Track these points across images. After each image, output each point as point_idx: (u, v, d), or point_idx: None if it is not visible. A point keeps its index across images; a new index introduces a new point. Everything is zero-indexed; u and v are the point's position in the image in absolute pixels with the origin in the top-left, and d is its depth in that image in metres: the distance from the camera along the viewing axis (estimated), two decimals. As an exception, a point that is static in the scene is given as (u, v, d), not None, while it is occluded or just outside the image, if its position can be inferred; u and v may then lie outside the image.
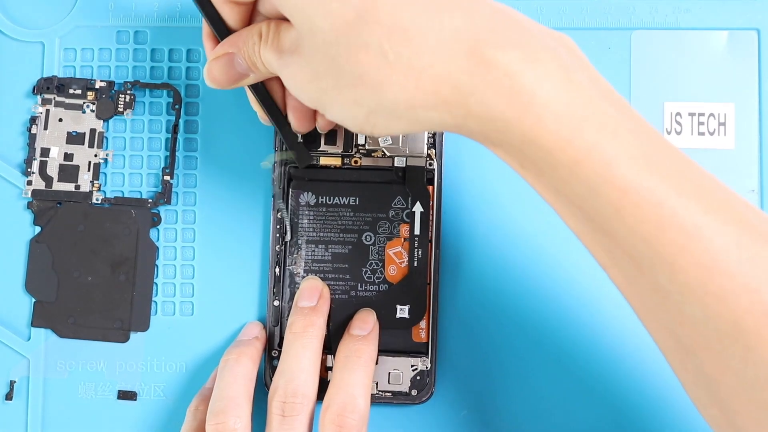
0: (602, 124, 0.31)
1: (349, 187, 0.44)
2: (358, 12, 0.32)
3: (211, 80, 0.39)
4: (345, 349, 0.41)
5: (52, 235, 0.45)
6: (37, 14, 0.47)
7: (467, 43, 0.31)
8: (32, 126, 0.46)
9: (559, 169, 0.31)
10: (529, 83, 0.31)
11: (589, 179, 0.31)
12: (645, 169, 0.31)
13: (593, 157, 0.31)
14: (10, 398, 0.45)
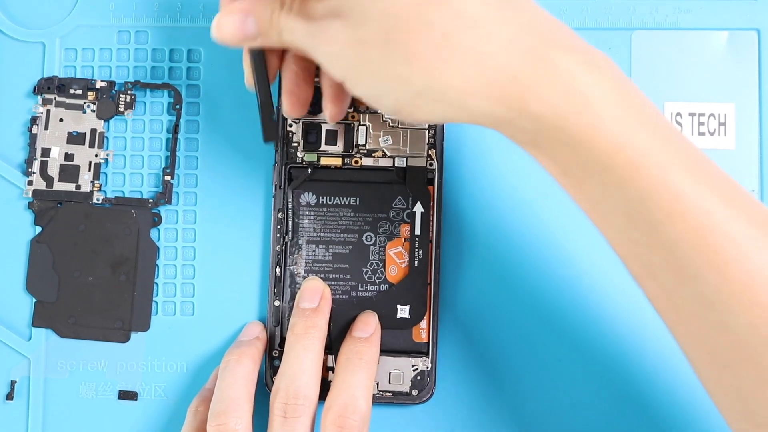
0: (656, 130, 0.31)
1: (350, 188, 0.44)
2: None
3: (218, 35, 0.38)
4: (347, 350, 0.41)
5: (52, 235, 0.45)
6: (37, 14, 0.47)
7: (531, 40, 0.31)
8: (33, 126, 0.46)
9: (611, 173, 0.31)
10: (588, 85, 0.31)
11: (643, 183, 0.31)
12: (696, 177, 0.31)
13: (649, 161, 0.31)
14: (11, 398, 0.45)
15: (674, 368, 0.43)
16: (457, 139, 0.45)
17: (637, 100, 0.32)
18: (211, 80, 0.46)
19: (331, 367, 0.43)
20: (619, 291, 0.44)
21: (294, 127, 0.45)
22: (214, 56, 0.46)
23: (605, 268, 0.44)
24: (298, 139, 0.45)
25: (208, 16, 0.46)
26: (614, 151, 0.31)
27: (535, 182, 0.45)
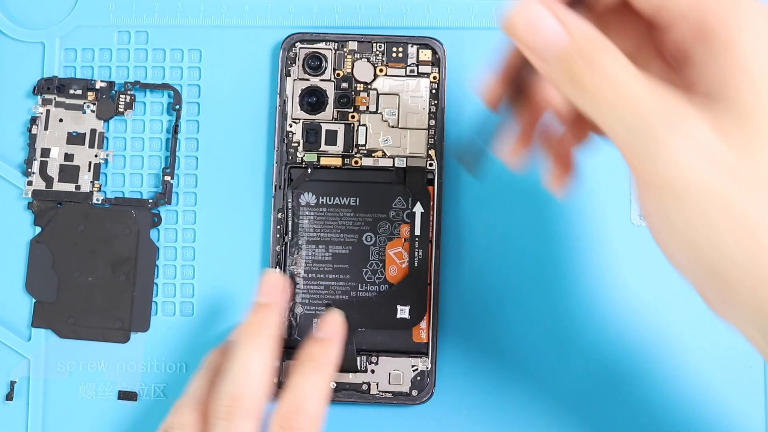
0: None
1: (350, 188, 0.44)
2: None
3: (512, 31, 0.28)
4: (304, 352, 0.40)
5: (52, 235, 0.45)
6: (37, 14, 0.47)
7: None
8: (32, 126, 0.46)
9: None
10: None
11: None
12: None
13: None
14: (11, 398, 0.45)
15: (676, 367, 0.43)
16: (457, 139, 0.45)
17: None
18: (211, 80, 0.46)
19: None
20: (619, 290, 0.44)
21: (294, 127, 0.45)
22: (213, 56, 0.46)
23: (605, 267, 0.44)
24: (298, 139, 0.45)
25: (208, 16, 0.46)
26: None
27: (535, 182, 0.45)
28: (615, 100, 0.26)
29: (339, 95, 0.45)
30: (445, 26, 0.46)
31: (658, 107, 0.25)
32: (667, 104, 0.25)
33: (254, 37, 0.46)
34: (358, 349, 0.43)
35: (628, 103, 0.25)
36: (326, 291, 0.44)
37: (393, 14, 0.46)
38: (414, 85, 0.45)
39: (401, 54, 0.45)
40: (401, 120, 0.44)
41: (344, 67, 0.45)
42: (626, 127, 0.25)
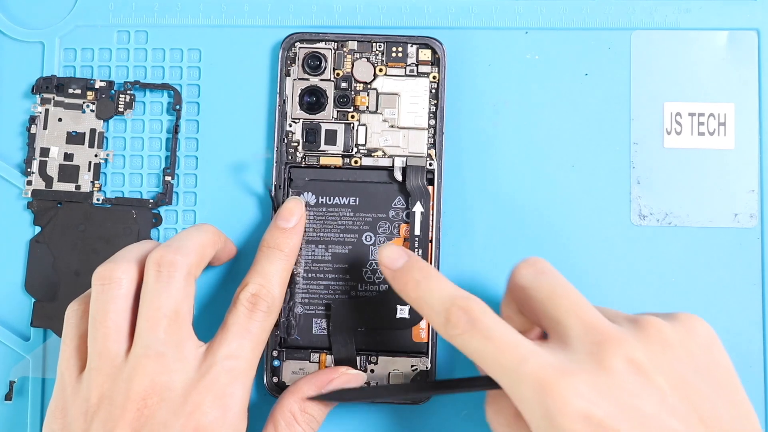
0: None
1: (349, 187, 0.44)
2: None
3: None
4: (270, 239, 0.42)
5: (52, 235, 0.45)
6: (37, 14, 0.47)
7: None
8: (32, 126, 0.46)
9: None
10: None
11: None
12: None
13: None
14: (10, 398, 0.45)
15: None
16: (456, 139, 0.45)
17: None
18: (211, 80, 0.46)
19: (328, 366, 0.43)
20: (619, 290, 0.44)
21: (294, 127, 0.45)
22: (213, 56, 0.46)
23: (605, 267, 0.44)
24: (298, 139, 0.45)
25: (208, 16, 0.46)
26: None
27: (535, 182, 0.45)
28: None
29: (339, 95, 0.45)
30: (445, 26, 0.46)
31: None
32: None
33: (254, 37, 0.46)
34: (358, 349, 0.43)
35: None
36: (326, 291, 0.44)
37: (393, 14, 0.46)
38: (414, 85, 0.45)
39: (401, 54, 0.45)
40: (401, 120, 0.44)
41: (344, 66, 0.45)
42: None
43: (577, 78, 0.45)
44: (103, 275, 0.39)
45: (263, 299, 0.40)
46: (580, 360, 0.33)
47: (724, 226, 0.44)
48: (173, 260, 0.39)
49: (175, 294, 0.39)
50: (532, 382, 0.33)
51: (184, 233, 0.41)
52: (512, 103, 0.45)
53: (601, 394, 0.32)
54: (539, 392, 0.32)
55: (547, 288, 0.36)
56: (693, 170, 0.45)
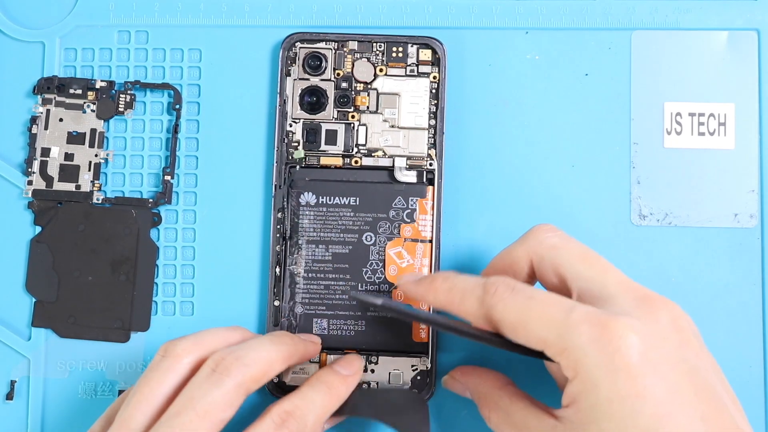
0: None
1: (350, 187, 0.44)
2: None
3: None
4: (322, 374, 0.41)
5: (52, 235, 0.45)
6: (37, 14, 0.47)
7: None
8: (33, 126, 0.46)
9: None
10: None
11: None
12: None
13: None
14: (11, 398, 0.45)
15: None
16: (456, 139, 0.45)
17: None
18: (211, 80, 0.46)
19: (331, 367, 0.43)
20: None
21: (294, 127, 0.45)
22: (213, 56, 0.46)
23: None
24: (298, 138, 0.45)
25: (208, 16, 0.46)
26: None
27: (535, 182, 0.45)
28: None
29: (339, 95, 0.45)
30: (445, 26, 0.46)
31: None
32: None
33: (254, 37, 0.46)
34: (358, 348, 0.43)
35: None
36: (326, 291, 0.44)
37: (393, 14, 0.46)
38: (414, 85, 0.45)
39: (401, 54, 0.45)
40: (401, 120, 0.44)
41: (344, 66, 0.45)
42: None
43: (577, 78, 0.45)
44: (168, 348, 0.39)
45: (295, 420, 0.38)
46: (626, 310, 0.33)
47: (724, 226, 0.44)
48: (230, 367, 0.37)
49: (217, 398, 0.37)
50: (585, 326, 0.33)
51: (257, 341, 0.39)
52: (512, 103, 0.45)
53: (652, 338, 0.32)
54: (596, 335, 0.32)
55: (579, 251, 0.36)
56: (693, 170, 0.45)
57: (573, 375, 0.33)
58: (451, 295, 0.37)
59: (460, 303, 0.37)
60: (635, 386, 0.32)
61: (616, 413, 0.32)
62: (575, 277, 0.36)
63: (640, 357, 0.32)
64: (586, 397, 0.33)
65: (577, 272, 0.36)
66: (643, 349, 0.32)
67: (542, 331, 0.34)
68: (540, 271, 0.38)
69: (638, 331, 0.32)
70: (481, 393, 0.39)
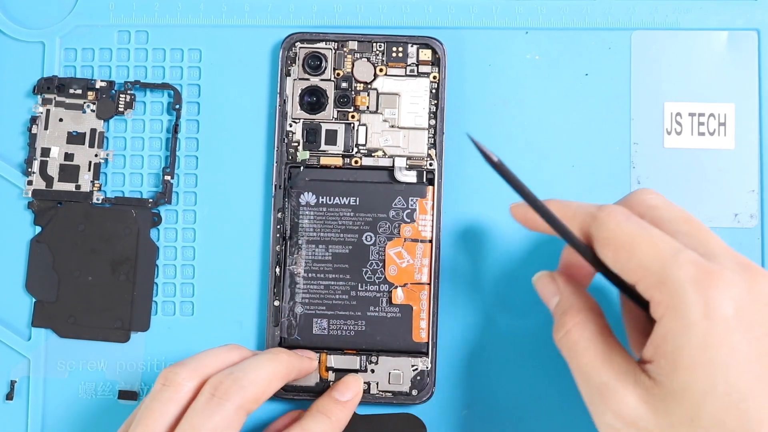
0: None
1: (350, 187, 0.44)
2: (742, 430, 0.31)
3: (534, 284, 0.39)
4: (320, 404, 0.42)
5: (52, 234, 0.45)
6: (37, 14, 0.47)
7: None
8: (33, 126, 0.46)
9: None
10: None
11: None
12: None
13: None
14: (11, 398, 0.45)
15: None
16: (456, 139, 0.45)
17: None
18: (211, 80, 0.46)
19: (330, 367, 0.43)
20: (619, 291, 0.44)
21: (294, 127, 0.45)
22: (213, 56, 0.46)
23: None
24: (298, 138, 0.45)
25: (208, 16, 0.46)
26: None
27: (535, 182, 0.45)
28: (572, 363, 0.36)
29: (339, 95, 0.45)
30: (445, 26, 0.46)
31: (599, 381, 0.34)
32: (607, 378, 0.34)
33: (254, 37, 0.46)
34: (359, 348, 0.44)
35: (578, 369, 0.35)
36: (326, 291, 0.44)
37: (393, 14, 0.46)
38: (414, 85, 0.45)
39: (401, 54, 0.45)
40: (401, 120, 0.44)
41: (344, 66, 0.45)
42: (582, 384, 0.35)
43: (577, 78, 0.45)
44: (168, 377, 0.39)
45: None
46: (730, 267, 0.33)
47: (724, 226, 0.44)
48: (228, 390, 0.38)
49: (219, 423, 0.37)
50: (691, 266, 0.32)
51: (254, 360, 0.40)
52: (512, 103, 0.45)
53: (752, 299, 0.32)
54: (699, 276, 0.32)
55: (683, 213, 0.36)
56: (693, 170, 0.45)
57: (664, 313, 0.32)
58: (565, 207, 0.37)
59: (572, 216, 0.36)
60: (729, 338, 0.31)
61: (707, 362, 0.31)
62: (678, 233, 0.35)
63: (737, 313, 0.31)
64: (674, 339, 0.32)
65: (679, 229, 0.35)
66: (742, 307, 0.32)
67: (647, 259, 0.33)
68: None
69: (739, 289, 0.32)
70: (573, 304, 0.37)
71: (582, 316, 0.36)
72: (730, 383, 0.31)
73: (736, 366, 0.31)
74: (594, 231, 0.35)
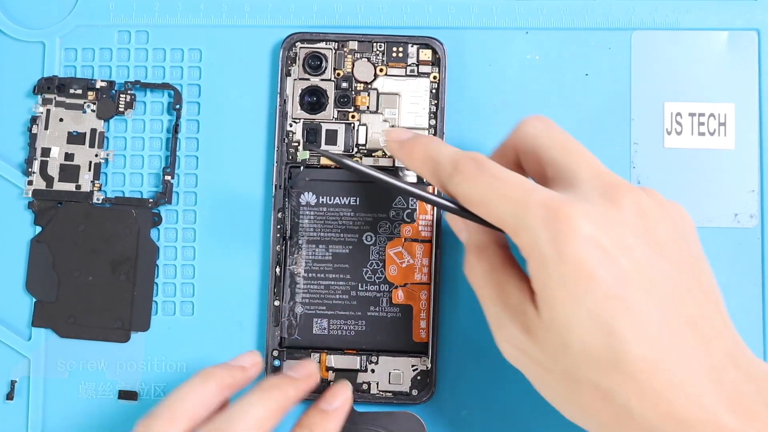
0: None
1: (350, 187, 0.44)
2: (609, 351, 0.32)
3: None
4: (305, 419, 0.39)
5: (52, 234, 0.45)
6: (37, 14, 0.47)
7: None
8: (33, 126, 0.46)
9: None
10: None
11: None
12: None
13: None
14: (11, 398, 0.45)
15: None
16: (456, 139, 0.45)
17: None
18: (211, 80, 0.46)
19: (330, 367, 0.43)
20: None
21: (294, 127, 0.45)
22: (213, 56, 0.46)
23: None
24: (298, 138, 0.45)
25: (208, 16, 0.46)
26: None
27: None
28: (476, 294, 0.37)
29: (339, 95, 0.45)
30: (445, 26, 0.46)
31: (493, 313, 0.36)
32: (498, 310, 0.35)
33: (254, 37, 0.46)
34: (359, 348, 0.44)
35: (480, 301, 0.37)
36: (326, 291, 0.44)
37: (393, 14, 0.46)
38: (414, 85, 0.45)
39: (401, 54, 0.45)
40: (402, 120, 0.44)
41: (344, 66, 0.45)
42: (485, 314, 0.37)
43: (577, 78, 0.45)
44: None
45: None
46: (589, 196, 0.33)
47: (724, 226, 0.44)
48: None
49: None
50: (540, 208, 0.33)
51: (245, 404, 0.37)
52: (512, 103, 0.45)
53: (608, 224, 0.32)
54: (548, 217, 0.32)
55: (560, 139, 0.36)
56: (693, 170, 0.45)
57: (527, 256, 0.33)
58: (426, 165, 0.37)
59: (432, 174, 0.37)
60: (582, 269, 0.32)
61: (567, 295, 0.32)
62: (550, 163, 0.36)
63: (588, 241, 0.32)
64: (537, 279, 0.33)
65: (552, 158, 0.36)
66: (592, 234, 0.32)
67: (501, 210, 0.34)
68: (525, 162, 0.38)
69: (589, 216, 0.32)
70: (475, 239, 0.37)
71: (483, 251, 0.37)
72: (592, 313, 0.32)
73: (594, 295, 0.32)
74: (451, 191, 0.36)
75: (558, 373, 0.33)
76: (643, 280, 0.32)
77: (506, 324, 0.35)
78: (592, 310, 0.32)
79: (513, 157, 0.38)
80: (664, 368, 0.31)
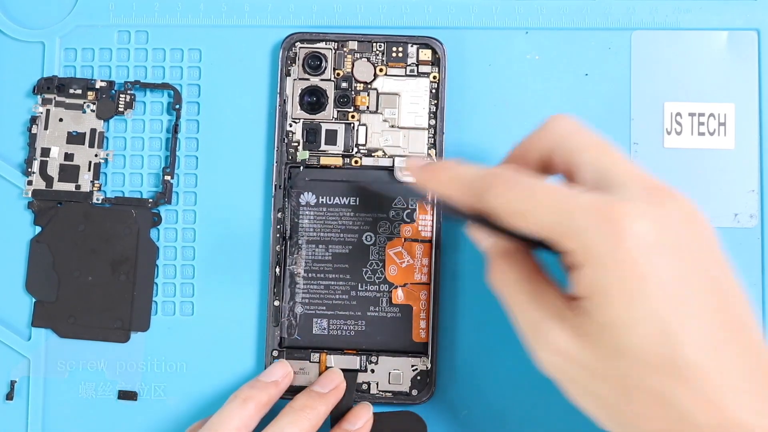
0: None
1: (350, 187, 0.44)
2: (666, 352, 0.31)
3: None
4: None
5: (52, 235, 0.45)
6: (37, 14, 0.47)
7: None
8: (32, 126, 0.46)
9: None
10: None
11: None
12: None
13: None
14: (11, 398, 0.45)
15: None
16: (457, 139, 0.45)
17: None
18: (211, 80, 0.46)
19: (330, 366, 0.43)
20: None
21: (294, 127, 0.45)
22: (213, 56, 0.46)
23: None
24: (298, 138, 0.45)
25: (208, 16, 0.46)
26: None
27: (535, 182, 0.45)
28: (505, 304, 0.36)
29: (339, 95, 0.45)
30: (445, 26, 0.46)
31: (531, 321, 0.34)
32: (537, 317, 0.34)
33: (254, 37, 0.46)
34: (359, 348, 0.44)
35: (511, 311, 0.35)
36: (326, 291, 0.44)
37: (393, 14, 0.46)
38: (414, 85, 0.45)
39: (401, 54, 0.45)
40: (401, 120, 0.44)
41: (344, 66, 0.45)
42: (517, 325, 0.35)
43: (577, 78, 0.45)
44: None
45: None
46: (635, 197, 0.33)
47: (724, 226, 0.44)
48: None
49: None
50: (589, 211, 0.32)
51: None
52: (512, 103, 0.45)
53: (660, 225, 0.32)
54: (599, 218, 0.32)
55: (594, 139, 0.35)
56: (693, 170, 0.45)
57: (580, 260, 0.32)
58: (452, 185, 0.36)
59: (461, 194, 0.36)
60: (640, 269, 0.31)
61: (624, 295, 0.31)
62: (584, 164, 0.35)
63: (643, 241, 0.31)
64: (592, 282, 0.32)
65: (586, 160, 0.34)
66: (648, 234, 0.31)
67: (544, 218, 0.33)
68: (552, 162, 0.37)
69: (644, 216, 0.32)
70: (501, 246, 0.36)
71: (511, 257, 0.36)
72: (650, 312, 0.31)
73: (653, 294, 0.31)
74: (486, 207, 0.35)
75: (612, 378, 0.32)
76: (698, 282, 0.32)
77: (550, 330, 0.34)
78: (651, 310, 0.31)
79: (536, 155, 0.37)
80: (719, 372, 0.31)
